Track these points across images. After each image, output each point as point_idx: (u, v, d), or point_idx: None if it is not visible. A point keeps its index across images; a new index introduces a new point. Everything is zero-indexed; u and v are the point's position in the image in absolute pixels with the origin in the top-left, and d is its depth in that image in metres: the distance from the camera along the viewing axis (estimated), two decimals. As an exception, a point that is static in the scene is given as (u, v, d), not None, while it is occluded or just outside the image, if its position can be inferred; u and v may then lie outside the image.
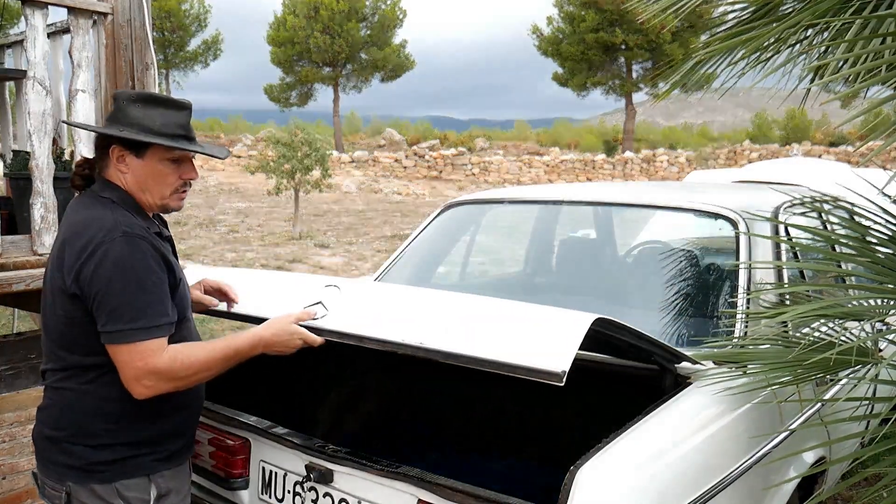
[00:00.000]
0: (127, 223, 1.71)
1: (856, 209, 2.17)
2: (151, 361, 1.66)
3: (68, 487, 1.75)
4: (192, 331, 1.90)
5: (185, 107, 1.83)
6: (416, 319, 1.77)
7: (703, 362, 2.03)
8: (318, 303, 1.89)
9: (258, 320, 1.91)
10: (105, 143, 1.80)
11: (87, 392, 1.76)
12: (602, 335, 1.63)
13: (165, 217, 1.99)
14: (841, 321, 2.05)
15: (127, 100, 1.79)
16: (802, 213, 2.78)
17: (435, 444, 2.56)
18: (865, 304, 2.07)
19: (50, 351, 1.80)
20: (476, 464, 2.43)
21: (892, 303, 2.02)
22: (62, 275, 1.69)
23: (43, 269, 2.72)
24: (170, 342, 1.73)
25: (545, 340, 1.52)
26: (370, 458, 1.86)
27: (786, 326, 2.20)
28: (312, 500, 1.98)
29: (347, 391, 2.78)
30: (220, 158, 1.94)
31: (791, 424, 2.20)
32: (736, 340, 2.15)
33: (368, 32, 35.51)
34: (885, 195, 2.15)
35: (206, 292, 2.12)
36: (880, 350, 1.98)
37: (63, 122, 2.22)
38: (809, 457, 2.29)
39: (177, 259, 1.90)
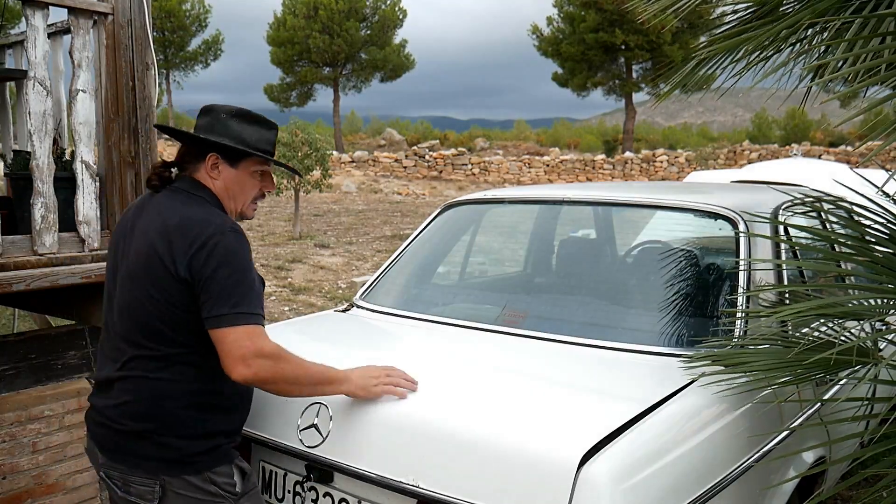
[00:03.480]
0: (232, 222, 1.84)
1: (855, 209, 2.17)
2: (259, 342, 1.72)
3: (162, 480, 1.77)
4: None
5: (274, 126, 1.99)
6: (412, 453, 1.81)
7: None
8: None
9: None
10: (202, 148, 1.91)
11: (177, 382, 1.79)
12: None
13: None
14: (840, 321, 2.05)
15: (226, 114, 1.93)
16: (802, 213, 2.78)
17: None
18: (865, 303, 2.07)
19: (133, 341, 1.81)
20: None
21: (891, 302, 2.02)
22: (172, 262, 1.75)
23: (43, 269, 2.72)
24: None
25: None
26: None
27: (785, 326, 2.20)
28: (312, 500, 1.98)
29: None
30: (299, 175, 2.13)
31: (791, 424, 2.21)
32: (736, 340, 2.15)
33: (368, 32, 35.52)
34: (885, 194, 2.15)
35: None
36: (880, 350, 1.98)
37: (156, 126, 2.37)
38: (809, 457, 2.29)
39: None
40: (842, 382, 2.04)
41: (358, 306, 2.87)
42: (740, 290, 2.30)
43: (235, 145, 1.90)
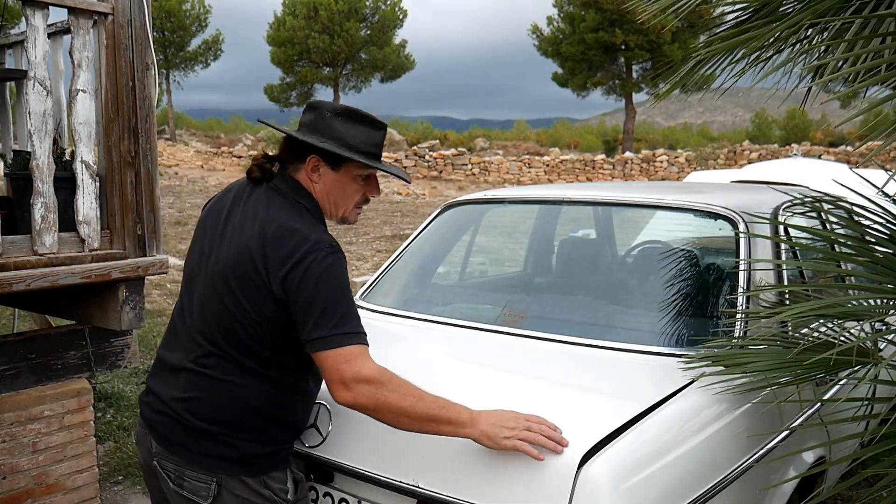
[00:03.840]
0: (330, 238, 1.75)
1: (855, 209, 2.17)
2: (357, 365, 1.64)
3: (220, 479, 1.72)
4: None
5: (382, 126, 1.87)
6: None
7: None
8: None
9: None
10: (303, 150, 1.81)
11: (253, 391, 1.75)
12: None
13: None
14: (840, 321, 2.05)
15: (331, 112, 1.82)
16: (802, 213, 2.78)
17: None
18: (865, 304, 2.07)
19: (212, 340, 1.75)
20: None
21: (891, 303, 2.02)
22: (266, 276, 1.68)
23: (43, 269, 2.72)
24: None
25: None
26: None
27: (785, 326, 2.20)
28: (312, 500, 1.98)
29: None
30: (405, 182, 1.98)
31: (791, 424, 2.21)
32: (735, 340, 2.15)
33: (368, 32, 35.52)
34: (885, 195, 2.15)
35: None
36: (880, 350, 1.98)
37: (260, 121, 2.29)
38: (809, 457, 2.29)
39: None
40: (842, 382, 2.04)
41: (358, 306, 2.86)
42: (740, 290, 2.30)
43: (336, 149, 1.78)
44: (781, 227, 2.59)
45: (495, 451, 1.67)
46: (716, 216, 2.53)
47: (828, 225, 2.84)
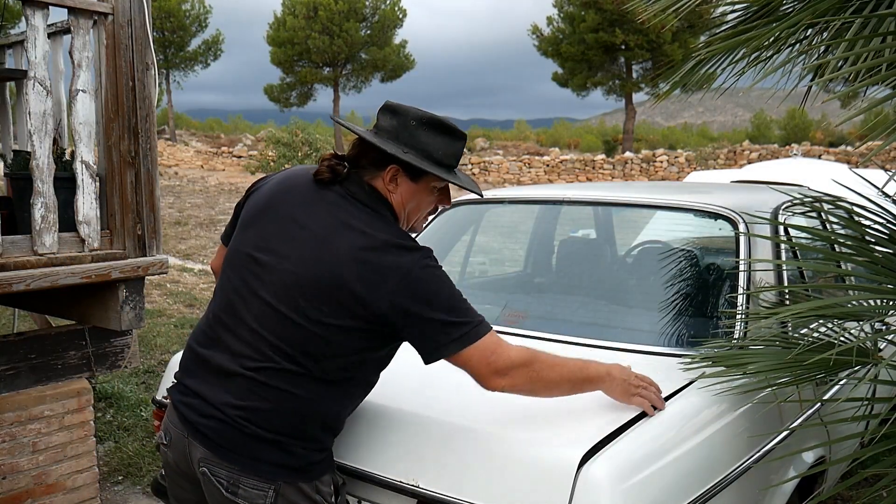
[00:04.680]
0: (423, 246, 1.71)
1: (855, 209, 2.17)
2: (503, 352, 1.67)
3: (278, 486, 1.68)
4: None
5: (463, 137, 1.81)
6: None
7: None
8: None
9: None
10: (384, 157, 1.74)
11: (317, 400, 1.70)
12: None
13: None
14: (840, 321, 2.05)
15: (416, 121, 1.74)
16: (802, 213, 2.78)
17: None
18: (865, 304, 2.07)
19: (277, 348, 1.66)
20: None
21: (891, 303, 2.02)
22: (365, 294, 1.62)
23: (43, 269, 2.72)
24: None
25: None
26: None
27: (785, 327, 2.20)
28: (312, 500, 1.98)
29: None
30: (478, 195, 1.91)
31: (791, 424, 2.21)
32: (735, 341, 2.15)
33: (368, 32, 35.54)
34: (885, 195, 2.15)
35: None
36: (880, 350, 1.98)
37: (333, 118, 2.22)
38: (809, 457, 2.29)
39: None
40: (842, 383, 2.04)
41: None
42: (740, 290, 2.30)
43: (419, 163, 1.72)
44: (781, 227, 2.59)
45: (493, 447, 1.66)
46: (716, 216, 2.52)
47: (827, 225, 2.84)
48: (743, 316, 2.22)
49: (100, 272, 2.88)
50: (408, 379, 1.97)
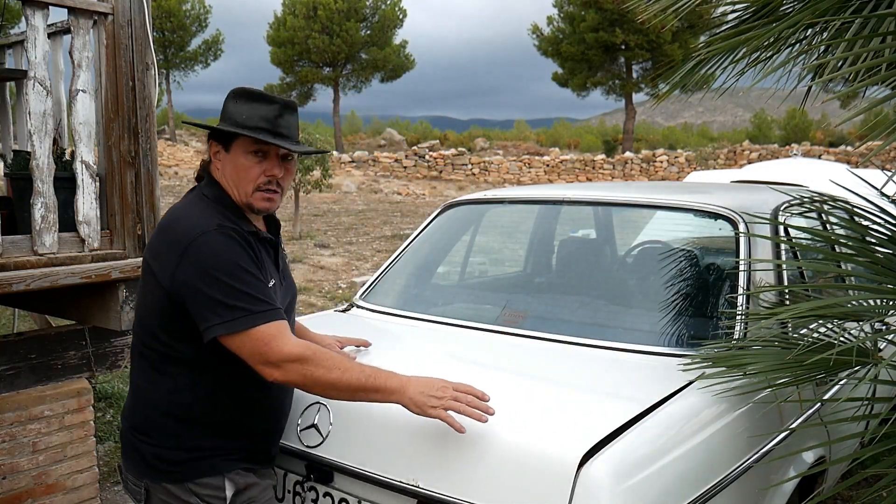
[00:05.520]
0: (220, 220, 1.71)
1: (855, 209, 2.17)
2: (277, 345, 1.64)
3: (146, 484, 1.74)
4: None
5: (274, 101, 1.78)
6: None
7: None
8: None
9: None
10: (208, 139, 1.83)
11: (156, 390, 1.75)
12: None
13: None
14: (840, 321, 2.05)
15: (230, 96, 1.81)
16: (802, 214, 2.78)
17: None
18: (865, 304, 2.07)
19: (136, 341, 1.82)
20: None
21: (891, 303, 2.02)
22: (157, 269, 1.70)
23: (43, 269, 2.72)
24: None
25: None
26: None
27: (785, 327, 2.20)
28: (312, 500, 1.98)
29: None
30: (323, 153, 2.03)
31: (791, 424, 2.21)
32: (735, 341, 2.15)
33: (368, 32, 35.53)
34: (884, 195, 2.15)
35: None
36: (880, 350, 1.98)
37: (184, 121, 2.36)
38: (809, 457, 2.29)
39: (284, 263, 1.94)
40: (842, 383, 2.04)
41: (358, 306, 2.87)
42: (740, 290, 2.30)
43: (223, 127, 1.76)
44: (781, 228, 2.59)
45: (493, 447, 1.66)
46: (716, 216, 2.52)
47: (828, 225, 2.84)
48: (743, 316, 2.22)
49: (100, 272, 2.88)
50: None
